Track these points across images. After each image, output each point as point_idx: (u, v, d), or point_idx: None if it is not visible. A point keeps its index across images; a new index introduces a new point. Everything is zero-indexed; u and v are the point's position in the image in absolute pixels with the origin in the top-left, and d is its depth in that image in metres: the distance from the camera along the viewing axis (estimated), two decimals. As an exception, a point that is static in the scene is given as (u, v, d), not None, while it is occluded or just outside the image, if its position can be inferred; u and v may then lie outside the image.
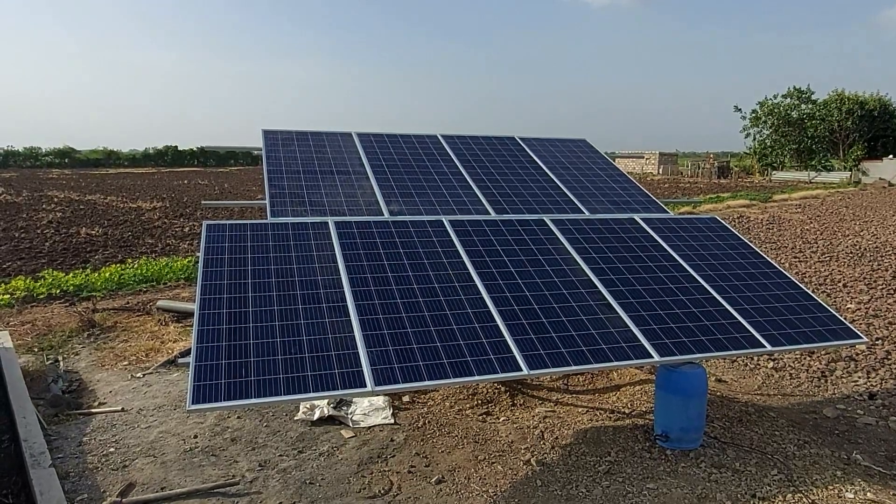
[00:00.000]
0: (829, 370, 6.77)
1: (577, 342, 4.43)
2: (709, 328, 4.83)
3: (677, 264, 5.63)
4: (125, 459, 4.35)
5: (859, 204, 25.57)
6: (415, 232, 5.42)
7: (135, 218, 18.49)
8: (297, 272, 4.66)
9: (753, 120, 45.53)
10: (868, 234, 16.78)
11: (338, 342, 4.06)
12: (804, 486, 4.19)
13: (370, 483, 4.08)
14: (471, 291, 4.76)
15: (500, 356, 4.17)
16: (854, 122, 41.26)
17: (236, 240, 4.96)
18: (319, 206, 5.62)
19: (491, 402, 5.58)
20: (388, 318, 4.34)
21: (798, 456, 4.63)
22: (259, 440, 4.70)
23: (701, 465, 4.43)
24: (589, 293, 5.00)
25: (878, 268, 12.21)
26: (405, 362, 3.99)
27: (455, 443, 4.68)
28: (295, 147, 6.66)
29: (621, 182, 7.18)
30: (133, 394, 5.69)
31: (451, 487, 4.04)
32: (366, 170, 6.42)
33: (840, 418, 5.53)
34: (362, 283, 4.65)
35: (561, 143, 7.99)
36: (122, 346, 7.20)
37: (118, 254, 12.97)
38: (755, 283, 5.56)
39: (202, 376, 3.66)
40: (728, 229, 6.49)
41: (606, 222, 6.15)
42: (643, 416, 5.24)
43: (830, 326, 5.15)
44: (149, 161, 59.57)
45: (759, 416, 5.39)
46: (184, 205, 22.44)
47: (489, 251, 5.32)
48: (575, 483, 4.11)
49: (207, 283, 4.41)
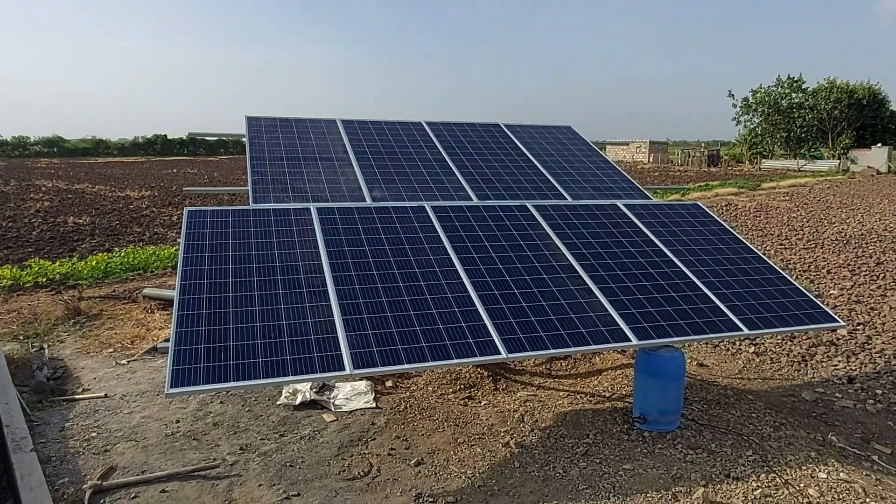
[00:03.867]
0: (809, 354, 6.84)
1: (557, 326, 4.47)
2: (687, 312, 4.89)
3: (658, 249, 5.68)
4: (107, 444, 4.38)
5: (847, 192, 25.72)
6: (397, 218, 5.44)
7: (123, 207, 18.40)
8: (279, 257, 4.68)
9: (744, 108, 45.64)
10: (854, 221, 16.90)
11: (317, 326, 4.09)
12: (778, 466, 4.26)
13: (349, 465, 4.12)
14: (451, 276, 4.79)
15: (478, 340, 4.21)
16: (843, 111, 41.42)
17: (218, 226, 4.96)
18: (302, 193, 5.62)
19: (474, 387, 5.63)
20: (368, 302, 4.37)
21: (774, 437, 4.70)
22: (241, 424, 4.73)
23: (677, 446, 4.50)
24: (569, 278, 5.04)
25: (863, 255, 12.32)
26: (384, 346, 4.02)
27: (435, 426, 4.73)
28: (279, 134, 6.65)
29: (605, 169, 7.22)
30: (117, 380, 5.71)
31: (429, 469, 4.09)
32: (349, 156, 6.42)
33: (818, 401, 5.61)
34: (343, 269, 4.67)
35: (546, 129, 8.01)
36: (108, 333, 7.20)
37: (105, 242, 12.92)
38: (734, 268, 5.62)
39: (181, 360, 3.68)
40: (709, 215, 6.54)
41: (588, 208, 6.18)
42: (623, 400, 5.31)
43: (808, 311, 5.21)
44: (138, 150, 59.18)
45: (737, 399, 5.47)
46: (172, 193, 22.32)
47: (471, 237, 5.35)
48: (552, 464, 4.16)
49: (188, 269, 4.43)
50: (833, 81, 43.55)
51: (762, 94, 44.67)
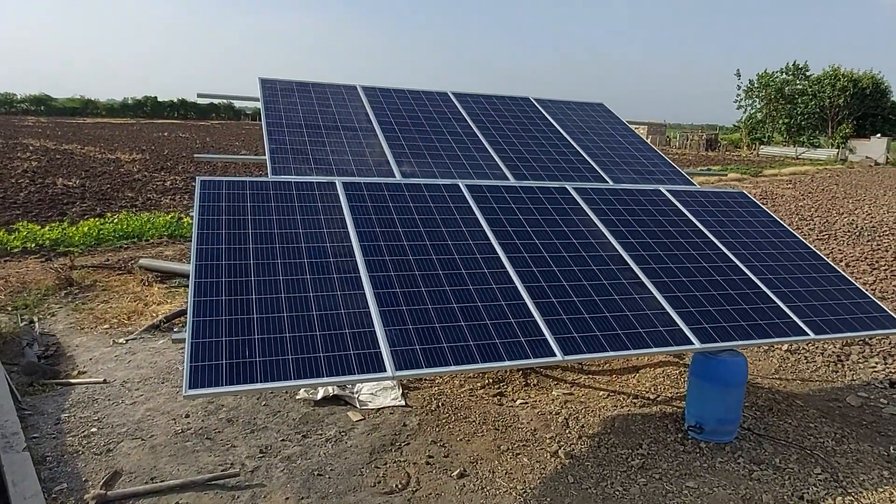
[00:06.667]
0: (844, 354, 6.50)
1: (613, 325, 4.03)
2: (748, 313, 4.46)
3: (709, 241, 5.24)
4: (109, 442, 3.89)
5: (849, 182, 25.42)
6: (430, 197, 4.94)
7: (114, 170, 17.66)
8: (304, 237, 4.18)
9: (747, 92, 45.09)
10: (862, 212, 16.59)
11: (352, 318, 3.61)
12: (852, 487, 3.89)
13: (385, 476, 3.67)
14: (494, 265, 4.32)
15: (530, 339, 3.76)
16: (846, 100, 41.00)
17: (234, 199, 4.44)
18: (325, 165, 5.10)
19: (503, 382, 5.21)
20: (405, 292, 3.90)
21: (839, 452, 4.32)
22: (258, 422, 4.26)
23: (739, 460, 4.10)
24: (620, 270, 4.59)
25: (878, 248, 11.98)
26: (428, 344, 3.56)
27: (473, 429, 4.29)
28: (296, 98, 6.09)
29: (643, 150, 6.73)
30: (116, 362, 5.21)
31: (474, 483, 3.65)
32: (373, 126, 5.88)
33: (864, 407, 5.26)
34: (376, 252, 4.18)
35: (577, 105, 7.49)
36: (103, 307, 6.68)
37: (97, 206, 12.29)
38: (790, 265, 5.19)
39: (200, 355, 3.20)
40: (757, 204, 6.10)
41: (632, 193, 5.71)
42: (669, 403, 4.90)
43: (871, 314, 4.81)
44: (127, 111, 57.73)
45: (788, 405, 5.09)
46: (164, 157, 21.55)
47: (511, 220, 4.87)
48: (609, 480, 3.75)
49: (203, 248, 3.92)
50: (837, 69, 43.04)
51: (766, 79, 44.10)
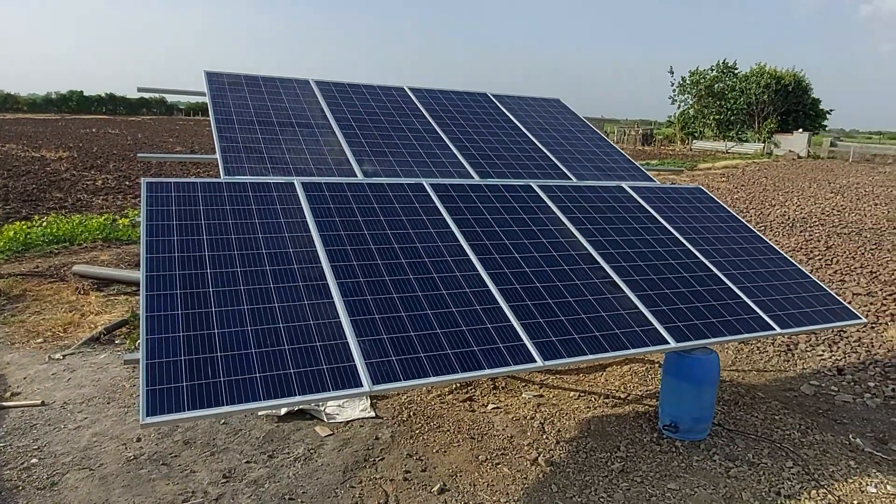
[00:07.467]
0: (792, 343, 6.69)
1: (590, 326, 3.94)
2: (718, 309, 4.47)
3: (674, 237, 5.24)
4: (53, 474, 3.51)
5: (776, 175, 26.51)
6: (394, 197, 4.74)
7: (39, 168, 16.56)
8: (264, 243, 3.91)
9: (680, 88, 46.51)
10: (793, 204, 17.28)
11: (322, 330, 3.38)
12: (823, 479, 3.93)
13: (362, 495, 3.45)
14: (466, 267, 4.16)
15: (508, 344, 3.62)
16: (770, 96, 42.83)
17: (186, 202, 4.12)
18: (282, 164, 4.81)
19: (470, 386, 5.07)
20: (377, 299, 3.69)
21: (805, 444, 4.38)
22: (218, 442, 3.95)
23: (714, 458, 4.10)
24: (591, 269, 4.51)
25: (811, 238, 12.47)
26: (404, 354, 3.37)
27: (449, 439, 4.12)
28: (245, 93, 5.75)
29: (602, 146, 6.71)
30: (54, 381, 4.78)
31: (456, 498, 3.48)
32: (330, 122, 5.62)
33: (818, 396, 5.40)
34: (342, 257, 3.95)
35: (534, 101, 7.40)
36: (35, 319, 6.17)
37: (22, 209, 11.45)
38: (751, 259, 5.25)
39: (157, 378, 2.90)
40: (715, 200, 6.17)
41: (596, 190, 5.66)
42: (641, 402, 4.87)
43: (831, 307, 4.92)
44: (51, 107, 54.64)
45: (752, 398, 5.15)
46: (94, 155, 20.39)
47: (478, 220, 4.72)
48: (592, 486, 3.65)
49: (154, 257, 3.59)
50: (763, 67, 44.93)
51: (698, 76, 45.62)
